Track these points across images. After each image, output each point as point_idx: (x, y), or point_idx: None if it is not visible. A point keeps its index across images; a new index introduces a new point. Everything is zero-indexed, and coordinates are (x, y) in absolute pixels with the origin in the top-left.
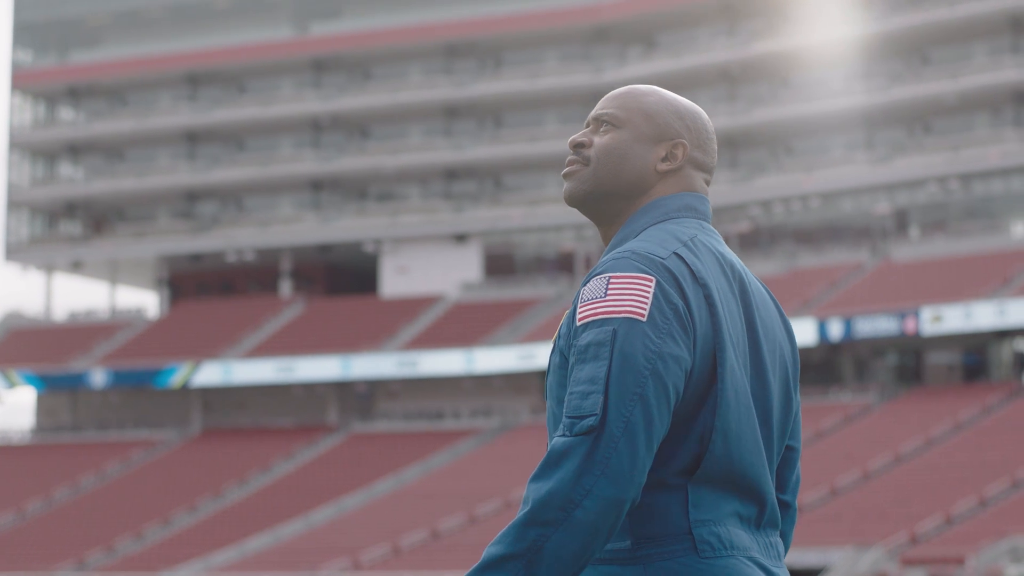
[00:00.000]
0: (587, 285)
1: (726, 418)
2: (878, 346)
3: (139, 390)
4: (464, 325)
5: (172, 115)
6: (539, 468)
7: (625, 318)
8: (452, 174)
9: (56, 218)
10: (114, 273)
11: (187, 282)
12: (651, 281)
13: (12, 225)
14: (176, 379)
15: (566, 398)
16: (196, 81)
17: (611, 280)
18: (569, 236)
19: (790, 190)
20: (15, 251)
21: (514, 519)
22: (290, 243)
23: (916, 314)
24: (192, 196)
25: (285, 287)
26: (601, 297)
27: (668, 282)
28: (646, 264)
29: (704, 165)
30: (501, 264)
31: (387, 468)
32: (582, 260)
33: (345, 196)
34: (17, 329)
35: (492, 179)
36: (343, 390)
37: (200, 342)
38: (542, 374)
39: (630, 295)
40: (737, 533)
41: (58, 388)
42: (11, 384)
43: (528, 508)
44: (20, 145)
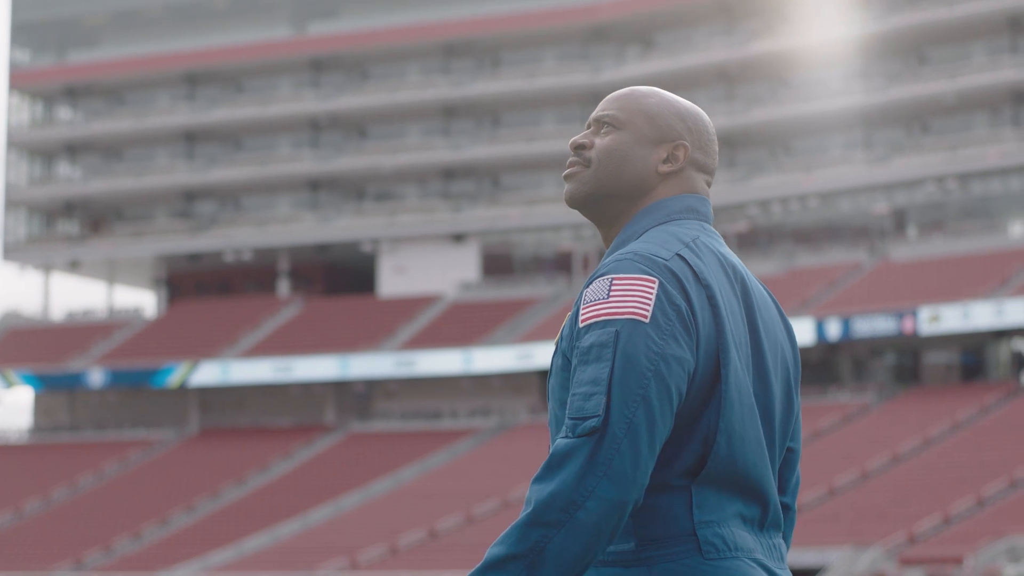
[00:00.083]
0: (589, 287)
1: (730, 419)
2: (876, 346)
3: (137, 390)
4: (462, 325)
5: (170, 115)
6: (542, 469)
7: (628, 319)
8: (450, 174)
9: (54, 218)
10: (112, 273)
11: (185, 282)
12: (654, 282)
13: (10, 225)
14: (174, 379)
15: (569, 399)
16: (194, 81)
17: (614, 281)
18: (567, 236)
19: (788, 190)
20: (13, 251)
21: (516, 520)
22: (288, 243)
23: (914, 314)
24: (190, 196)
25: (283, 287)
26: (604, 299)
27: (671, 283)
28: (649, 265)
29: (705, 166)
30: (499, 264)
31: (385, 468)
32: (580, 260)
33: (343, 196)
34: (15, 329)
35: (490, 179)
36: (341, 390)
37: (198, 342)
38: (540, 374)
39: (633, 296)
40: (741, 534)
41: (56, 388)
42: (9, 384)
43: (530, 509)
44: (18, 144)
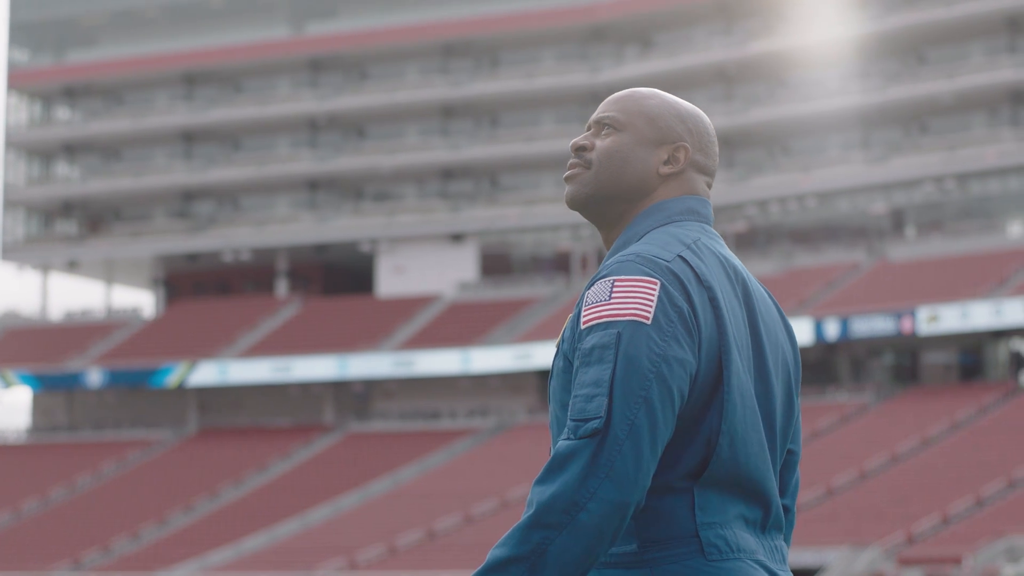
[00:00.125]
0: (591, 288)
1: (732, 421)
2: (874, 346)
3: (135, 390)
4: (460, 325)
5: (168, 115)
6: (543, 471)
7: (629, 321)
8: (448, 174)
9: (52, 218)
10: (110, 273)
11: (183, 282)
12: (655, 284)
13: (8, 225)
14: (172, 379)
15: (571, 401)
16: (192, 81)
17: (615, 283)
18: (565, 236)
19: (787, 190)
20: (11, 251)
21: (518, 522)
22: (286, 243)
23: (912, 314)
24: (188, 196)
25: (281, 287)
26: (605, 300)
27: (673, 285)
28: (650, 267)
29: (706, 168)
30: (497, 264)
31: (383, 468)
32: (578, 260)
33: (341, 196)
34: (13, 329)
35: (488, 179)
36: (339, 390)
37: (196, 342)
38: (539, 374)
39: (634, 298)
40: (743, 536)
41: (54, 388)
42: (7, 384)
43: (532, 511)
44: (16, 144)
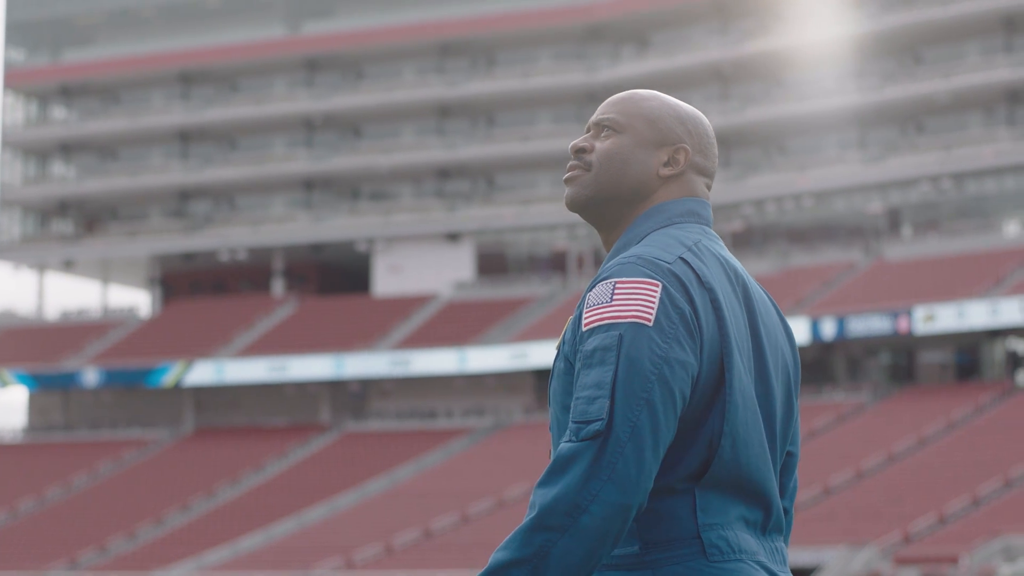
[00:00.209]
0: (592, 290)
1: (734, 423)
2: (871, 345)
3: (131, 389)
4: (457, 324)
5: (165, 114)
6: (545, 473)
7: (631, 323)
8: (445, 173)
9: (48, 217)
10: (106, 272)
11: (179, 281)
12: (657, 286)
13: (4, 224)
14: (168, 378)
15: (572, 403)
16: (189, 80)
17: (617, 285)
18: (562, 235)
19: (783, 189)
20: (7, 250)
21: (520, 525)
22: (283, 242)
23: (909, 313)
24: (184, 195)
25: (277, 286)
26: (607, 302)
27: (674, 287)
28: (652, 269)
29: (705, 170)
30: (494, 263)
31: (380, 467)
32: (575, 259)
33: (338, 195)
34: (9, 328)
35: (485, 178)
36: (336, 389)
37: (192, 341)
38: (535, 373)
39: (636, 300)
40: (744, 537)
41: (50, 387)
42: (3, 383)
43: (534, 513)
44: (12, 144)
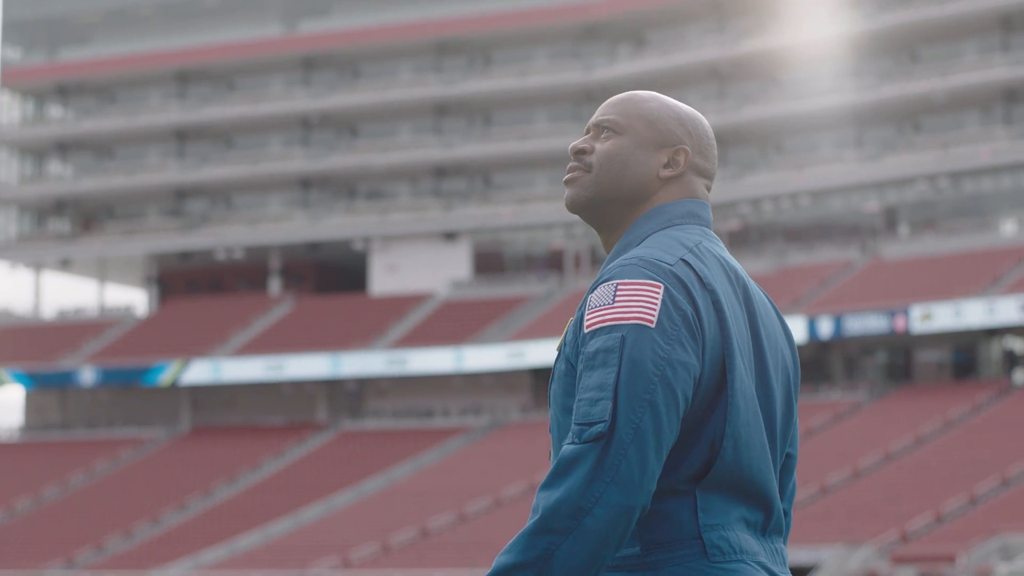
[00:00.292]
0: (594, 292)
1: (736, 425)
2: (868, 344)
3: (128, 388)
4: (454, 323)
5: (161, 113)
6: (548, 476)
7: (634, 324)
8: (442, 172)
9: (45, 216)
10: (103, 271)
11: (176, 280)
12: (659, 287)
13: (1, 223)
14: (165, 377)
15: (575, 405)
16: (185, 79)
17: (619, 287)
18: (559, 234)
19: (780, 188)
20: (3, 249)
21: (524, 528)
22: (279, 241)
23: (906, 312)
24: (181, 194)
25: (274, 285)
26: (609, 304)
27: (676, 289)
28: (654, 270)
29: (705, 171)
30: (491, 262)
31: (377, 466)
32: (572, 258)
33: (334, 194)
34: (6, 327)
35: (482, 177)
36: (333, 388)
37: (189, 340)
38: (532, 372)
39: (638, 301)
40: (745, 538)
41: (47, 386)
42: (0, 382)
43: (538, 516)
44: (9, 143)
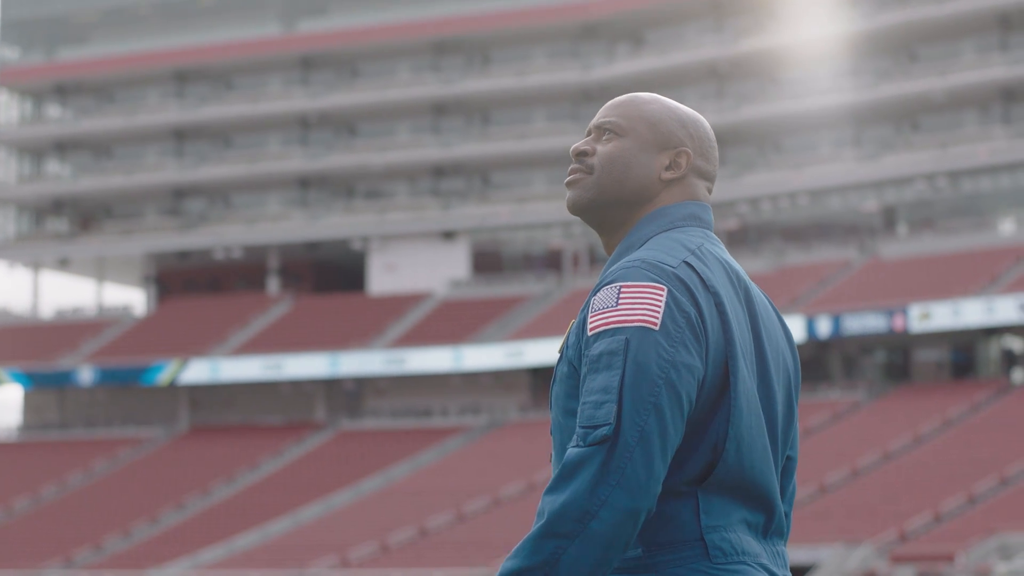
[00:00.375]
0: (597, 294)
1: (739, 427)
2: (866, 343)
3: (126, 388)
4: (452, 322)
5: (160, 112)
6: (553, 480)
7: (637, 327)
8: (440, 171)
9: (43, 215)
10: (101, 270)
11: (174, 279)
12: (662, 290)
13: None
14: (163, 376)
15: (579, 408)
16: (184, 78)
17: (622, 289)
18: (557, 234)
19: (778, 187)
20: (2, 248)
21: (530, 532)
22: (278, 240)
23: (904, 311)
24: (180, 193)
25: (273, 284)
26: (612, 306)
27: (680, 291)
28: (657, 273)
29: (707, 173)
30: (489, 261)
31: (375, 466)
32: (570, 258)
33: (333, 193)
34: (4, 326)
35: (480, 176)
36: (331, 387)
37: (188, 339)
38: (531, 372)
39: (642, 304)
40: (747, 540)
41: (45, 386)
42: None
43: (544, 520)
44: (7, 142)
